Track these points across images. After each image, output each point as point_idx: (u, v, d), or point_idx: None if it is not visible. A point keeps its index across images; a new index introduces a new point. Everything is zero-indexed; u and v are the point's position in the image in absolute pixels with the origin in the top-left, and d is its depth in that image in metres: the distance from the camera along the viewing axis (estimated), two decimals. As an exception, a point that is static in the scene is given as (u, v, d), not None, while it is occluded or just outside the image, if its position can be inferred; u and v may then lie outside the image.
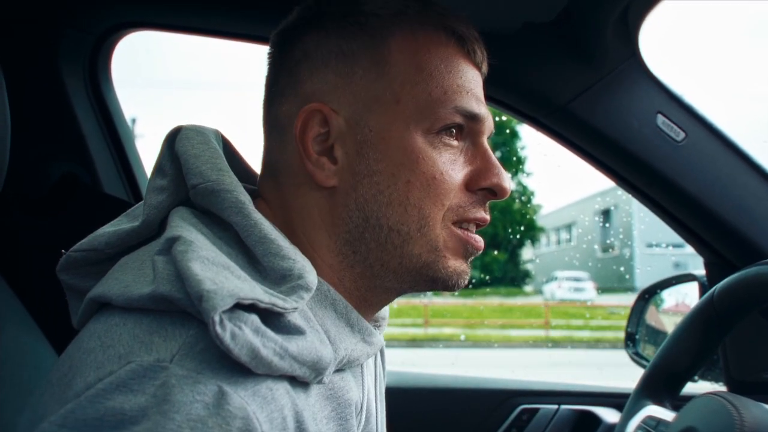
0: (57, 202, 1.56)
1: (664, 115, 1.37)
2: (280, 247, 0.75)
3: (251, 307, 0.66)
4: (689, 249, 1.51)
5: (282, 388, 0.68)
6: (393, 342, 13.22)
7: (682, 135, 1.37)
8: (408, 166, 0.81)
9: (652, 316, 1.82)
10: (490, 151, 0.88)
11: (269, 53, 0.91)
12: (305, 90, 0.84)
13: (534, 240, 32.49)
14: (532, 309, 19.94)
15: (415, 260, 0.84)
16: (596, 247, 30.21)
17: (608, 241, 29.89)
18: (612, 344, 13.51)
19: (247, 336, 0.63)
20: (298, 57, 0.86)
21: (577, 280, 23.56)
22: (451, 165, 0.84)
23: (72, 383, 0.64)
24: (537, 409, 1.87)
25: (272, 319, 0.69)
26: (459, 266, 0.87)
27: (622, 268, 28.30)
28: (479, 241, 0.88)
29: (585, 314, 18.73)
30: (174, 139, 0.84)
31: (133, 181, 1.73)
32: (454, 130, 0.85)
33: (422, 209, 0.82)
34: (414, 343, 13.44)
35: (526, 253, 32.43)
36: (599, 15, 1.23)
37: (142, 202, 0.84)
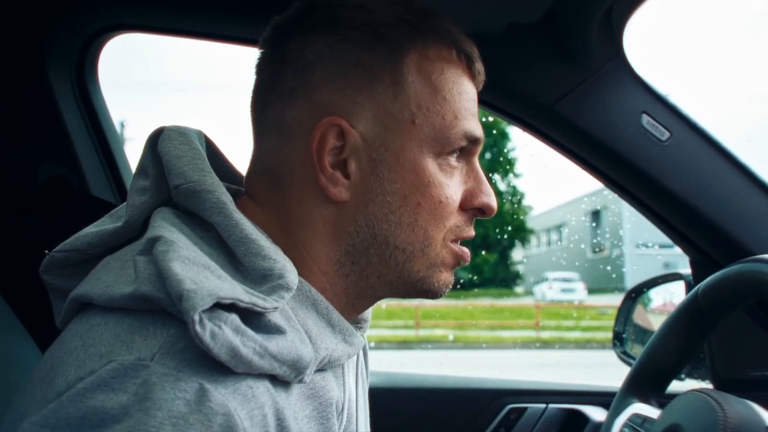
0: (44, 204, 1.56)
1: (649, 115, 1.38)
2: (261, 246, 0.75)
3: (231, 307, 0.66)
4: (678, 249, 1.52)
5: (262, 387, 0.68)
6: (383, 344, 13.21)
7: (666, 135, 1.38)
8: (420, 189, 0.83)
9: (639, 316, 1.83)
10: (481, 171, 0.90)
11: (266, 42, 0.89)
12: (320, 98, 0.82)
13: (524, 241, 32.63)
14: (522, 310, 19.96)
15: (413, 275, 0.86)
16: (583, 246, 30.32)
17: (596, 241, 29.99)
18: (601, 345, 13.66)
19: (226, 335, 0.63)
20: (310, 59, 0.83)
21: (567, 280, 23.67)
22: (455, 188, 0.86)
23: (53, 382, 0.64)
24: (525, 409, 1.88)
25: (252, 318, 0.69)
26: (448, 278, 0.90)
27: (608, 268, 28.41)
28: (468, 254, 0.91)
29: (575, 315, 18.80)
30: (156, 139, 0.83)
31: (121, 183, 1.72)
32: (457, 152, 0.86)
33: (427, 230, 0.84)
34: (405, 345, 13.45)
35: (517, 254, 32.53)
36: (583, 15, 1.24)
37: (125, 203, 0.83)
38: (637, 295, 1.84)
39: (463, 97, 0.86)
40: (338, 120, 0.81)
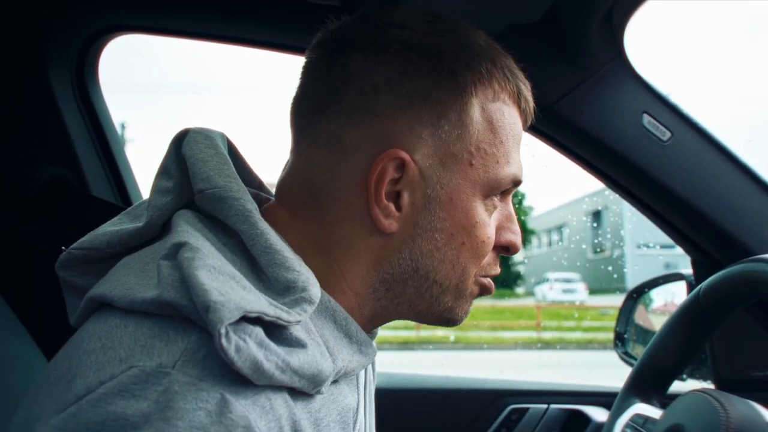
0: (45, 204, 1.56)
1: (650, 115, 1.38)
2: (285, 258, 0.74)
3: (256, 320, 0.66)
4: (679, 249, 1.52)
5: (280, 399, 0.68)
6: (384, 345, 13.23)
7: (668, 135, 1.38)
8: (467, 230, 0.83)
9: (640, 316, 1.83)
10: (513, 210, 0.90)
11: (322, 57, 0.85)
12: (385, 127, 0.80)
13: (525, 242, 32.71)
14: (523, 310, 19.95)
15: (442, 306, 0.86)
16: (584, 247, 30.33)
17: (597, 241, 30.01)
18: (603, 345, 13.68)
19: (251, 349, 0.63)
20: (377, 83, 0.80)
21: (568, 281, 23.67)
22: (493, 227, 0.86)
23: (71, 384, 0.64)
24: (526, 409, 1.88)
25: (275, 331, 0.68)
26: (470, 307, 0.91)
27: (610, 268, 28.42)
28: (493, 285, 0.92)
29: (576, 315, 18.81)
30: (181, 141, 0.83)
31: (121, 183, 1.72)
32: (500, 194, 0.86)
33: (466, 268, 0.85)
34: (406, 345, 13.44)
35: (517, 254, 32.52)
36: (584, 15, 1.24)
37: (142, 201, 0.83)
38: (638, 295, 1.84)
39: (516, 140, 0.86)
40: (401, 153, 0.79)
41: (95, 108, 1.72)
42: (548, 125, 1.45)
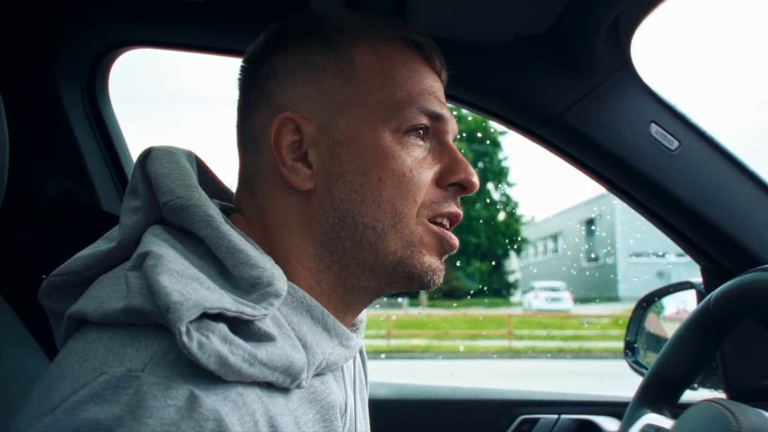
0: (55, 219, 1.57)
1: (658, 124, 1.38)
2: (249, 256, 0.77)
3: (219, 317, 0.68)
4: (671, 258, 1.52)
5: (253, 394, 0.70)
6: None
7: (675, 144, 1.37)
8: (379, 165, 0.85)
9: (652, 324, 1.83)
10: (456, 149, 0.93)
11: (239, 78, 0.96)
12: (277, 102, 0.89)
13: (519, 250, 32.69)
14: (495, 319, 19.83)
15: (390, 257, 0.87)
16: (582, 255, 30.34)
17: (590, 250, 30.04)
18: (574, 354, 13.90)
19: (214, 344, 0.65)
20: (267, 73, 0.91)
21: (554, 290, 23.68)
22: (420, 163, 0.88)
23: (49, 397, 0.65)
24: (537, 419, 1.87)
25: (242, 326, 0.70)
26: (434, 263, 0.90)
27: (604, 276, 28.40)
28: (454, 238, 0.92)
29: (552, 324, 18.86)
30: (146, 160, 0.86)
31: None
32: (421, 131, 0.89)
33: (395, 206, 0.86)
34: (375, 355, 13.42)
35: (513, 263, 32.58)
36: (591, 26, 1.24)
37: (118, 225, 0.85)
38: (648, 304, 1.83)
39: (417, 79, 0.91)
40: (291, 115, 0.86)
41: (105, 122, 1.73)
42: (555, 135, 1.45)
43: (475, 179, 0.92)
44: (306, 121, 0.87)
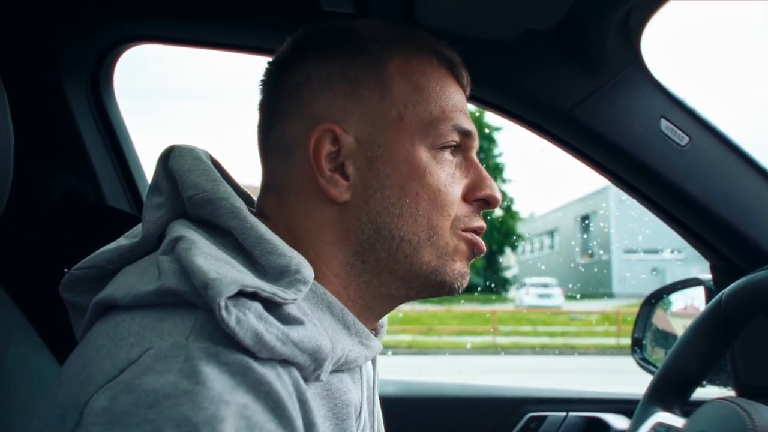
0: (62, 217, 1.56)
1: (668, 120, 1.37)
2: (276, 245, 0.78)
3: (254, 297, 0.69)
4: (666, 255, 1.52)
5: (286, 371, 0.71)
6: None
7: (686, 139, 1.36)
8: (416, 180, 0.87)
9: (660, 320, 1.82)
10: (480, 165, 0.95)
11: (264, 81, 0.97)
12: (312, 111, 0.88)
13: (514, 246, 32.80)
14: (482, 315, 19.87)
15: (425, 267, 0.88)
16: (577, 250, 30.44)
17: (586, 246, 30.17)
18: (559, 350, 14.08)
19: (251, 321, 0.66)
20: (300, 81, 0.90)
21: (544, 286, 23.82)
22: (452, 179, 0.90)
23: (89, 378, 0.66)
24: (545, 417, 1.86)
25: (272, 309, 0.71)
26: (463, 268, 0.92)
27: (591, 272, 28.52)
28: (483, 243, 0.94)
29: (546, 321, 18.95)
30: (167, 157, 0.87)
31: (137, 194, 1.73)
32: (452, 147, 0.91)
33: (431, 220, 0.87)
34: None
35: (509, 259, 32.65)
36: (601, 21, 1.23)
37: (139, 224, 0.86)
38: (656, 300, 1.82)
39: (449, 96, 0.92)
40: (330, 126, 0.87)
41: (110, 119, 1.73)
42: (565, 131, 1.44)
43: (498, 195, 0.95)
44: (345, 133, 0.87)
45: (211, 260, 0.71)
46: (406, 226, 0.86)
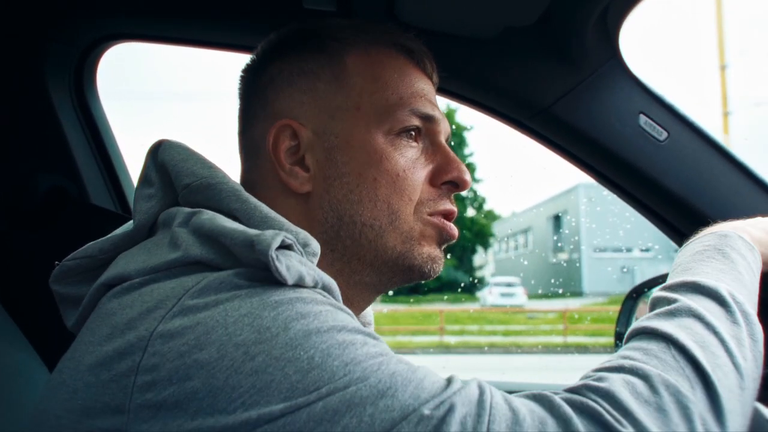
0: (46, 214, 1.56)
1: (647, 115, 1.38)
2: (282, 222, 0.81)
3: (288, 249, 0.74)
4: (636, 253, 1.52)
5: None
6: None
7: (664, 134, 1.38)
8: (373, 166, 0.90)
9: (642, 314, 1.82)
10: (448, 148, 0.97)
11: (239, 88, 1.00)
12: (275, 109, 0.93)
13: (486, 246, 32.82)
14: (428, 315, 19.88)
15: (390, 252, 0.91)
16: (549, 251, 30.56)
17: (557, 245, 30.29)
18: (505, 349, 14.37)
19: (297, 266, 0.71)
20: (265, 82, 0.95)
21: (508, 285, 23.94)
22: (413, 163, 0.92)
23: (135, 326, 0.69)
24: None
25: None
26: (433, 252, 0.95)
27: (561, 270, 28.64)
28: (453, 228, 0.97)
29: (504, 320, 19.09)
30: (157, 151, 0.89)
31: (121, 191, 1.72)
32: (413, 133, 0.93)
33: (391, 204, 0.90)
34: None
35: (481, 258, 32.64)
36: (579, 17, 1.24)
37: (131, 220, 0.87)
38: (638, 295, 1.83)
39: (408, 83, 0.95)
40: (288, 121, 0.90)
41: (94, 116, 1.72)
42: (545, 127, 1.46)
43: (467, 177, 0.96)
44: (302, 126, 0.91)
45: (236, 225, 0.74)
46: (366, 212, 0.89)
